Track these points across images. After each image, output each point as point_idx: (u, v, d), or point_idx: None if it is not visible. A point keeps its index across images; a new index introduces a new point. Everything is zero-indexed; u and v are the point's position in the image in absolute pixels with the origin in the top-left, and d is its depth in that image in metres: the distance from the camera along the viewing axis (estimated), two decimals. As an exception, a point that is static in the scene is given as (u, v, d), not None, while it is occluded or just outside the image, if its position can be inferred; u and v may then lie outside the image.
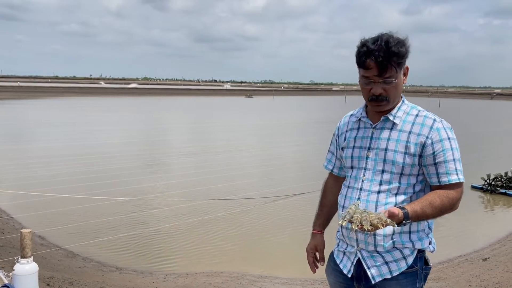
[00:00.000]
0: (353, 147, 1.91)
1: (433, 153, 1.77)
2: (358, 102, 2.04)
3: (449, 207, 1.75)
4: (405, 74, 1.84)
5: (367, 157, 1.85)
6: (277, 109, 47.27)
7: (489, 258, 6.39)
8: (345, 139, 1.98)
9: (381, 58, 1.72)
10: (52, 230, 7.48)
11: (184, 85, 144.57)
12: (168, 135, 23.28)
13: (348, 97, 72.12)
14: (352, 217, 1.63)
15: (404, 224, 1.68)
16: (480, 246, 7.28)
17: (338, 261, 1.97)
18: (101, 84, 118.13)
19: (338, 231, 2.02)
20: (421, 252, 1.85)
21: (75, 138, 19.73)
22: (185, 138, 21.83)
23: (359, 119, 1.94)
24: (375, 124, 1.87)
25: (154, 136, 21.74)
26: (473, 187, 11.20)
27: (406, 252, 1.81)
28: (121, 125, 26.40)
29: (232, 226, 7.96)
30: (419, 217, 1.70)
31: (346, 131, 1.99)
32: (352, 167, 1.90)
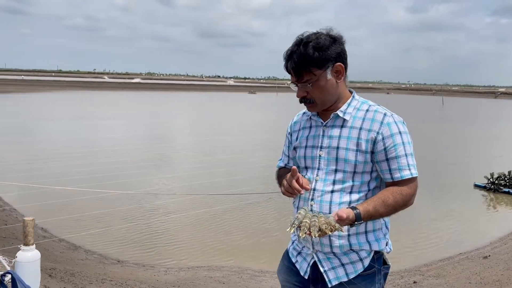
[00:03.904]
0: (306, 147, 1.85)
1: (385, 149, 1.71)
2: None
3: (403, 204, 1.72)
4: (339, 72, 1.77)
5: (319, 156, 1.79)
6: (281, 106, 47.20)
7: (489, 256, 6.39)
8: (297, 139, 1.92)
9: (295, 64, 1.71)
10: (54, 221, 7.53)
11: (187, 80, 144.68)
12: (173, 130, 23.32)
13: (352, 94, 71.86)
14: (300, 223, 1.59)
15: (356, 225, 1.65)
16: (481, 244, 7.28)
17: (293, 260, 1.90)
18: (104, 78, 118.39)
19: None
20: (378, 253, 1.80)
21: (78, 132, 19.79)
22: (190, 133, 21.86)
23: (310, 117, 1.89)
24: (326, 122, 1.81)
25: (159, 131, 21.79)
26: (476, 186, 11.18)
27: (363, 254, 1.77)
28: (126, 120, 26.44)
29: (234, 220, 7.99)
30: (372, 217, 1.67)
31: (299, 130, 1.94)
32: (306, 167, 1.84)
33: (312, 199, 1.76)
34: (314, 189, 1.77)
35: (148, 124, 24.81)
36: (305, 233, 1.56)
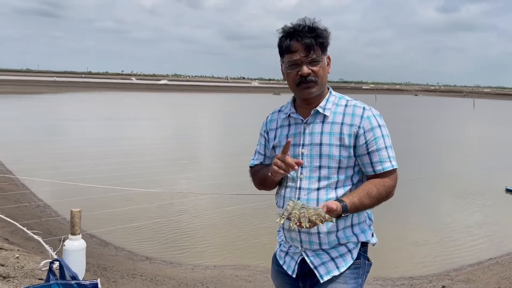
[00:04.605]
0: None
1: (366, 142, 1.74)
2: (388, 101, 2.02)
3: (386, 195, 1.74)
4: (328, 63, 1.81)
5: (302, 154, 1.78)
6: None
7: (521, 261, 6.23)
8: (275, 137, 1.90)
9: (307, 38, 1.71)
10: (85, 217, 7.70)
11: (212, 82, 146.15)
12: (199, 130, 23.60)
13: (378, 96, 70.93)
14: (290, 214, 1.58)
15: (344, 217, 1.68)
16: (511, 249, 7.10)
17: (281, 262, 1.90)
18: (132, 80, 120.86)
19: (279, 231, 1.96)
20: (364, 246, 1.83)
21: (106, 131, 20.29)
22: (215, 133, 22.08)
23: (289, 115, 1.87)
24: (306, 119, 1.81)
25: (185, 131, 22.10)
26: (508, 190, 10.86)
27: (351, 245, 1.79)
28: (153, 120, 26.93)
29: (260, 220, 8.04)
30: (358, 209, 1.69)
31: (276, 128, 1.92)
32: None
33: (298, 198, 1.76)
34: (300, 188, 1.77)
35: (174, 125, 25.20)
36: (295, 224, 1.55)
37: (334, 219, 1.58)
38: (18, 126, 20.96)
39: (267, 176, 1.78)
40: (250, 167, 2.04)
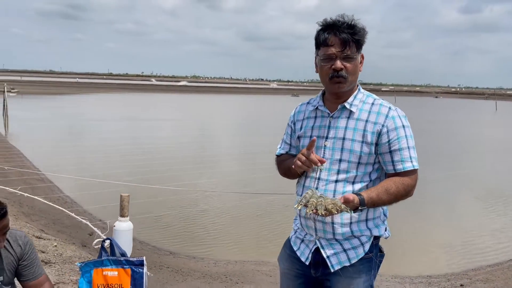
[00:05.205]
0: (310, 136, 1.89)
1: (389, 141, 1.79)
2: (407, 102, 2.13)
3: (404, 194, 1.79)
4: (361, 62, 1.87)
5: (324, 146, 1.85)
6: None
7: (542, 263, 6.22)
8: (301, 128, 1.97)
9: (344, 34, 1.76)
10: (110, 213, 8.02)
11: (231, 83, 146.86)
12: (218, 130, 23.85)
13: (398, 98, 70.13)
14: (308, 202, 1.67)
15: (361, 210, 1.74)
16: (533, 251, 7.06)
17: (295, 248, 1.97)
18: (152, 81, 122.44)
19: (295, 219, 2.04)
20: (376, 239, 1.89)
21: (126, 131, 20.71)
22: (235, 133, 22.27)
23: (316, 108, 1.94)
24: (333, 113, 1.87)
25: (204, 131, 22.37)
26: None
27: (364, 239, 1.85)
28: (172, 121, 27.30)
29: (284, 219, 8.14)
30: (375, 204, 1.74)
31: (303, 119, 1.98)
32: None
33: (316, 188, 1.82)
34: (319, 178, 1.84)
35: (195, 125, 25.51)
36: (312, 211, 1.63)
37: (350, 210, 1.65)
38: (43, 125, 21.58)
39: (291, 168, 1.87)
40: (276, 155, 2.14)
